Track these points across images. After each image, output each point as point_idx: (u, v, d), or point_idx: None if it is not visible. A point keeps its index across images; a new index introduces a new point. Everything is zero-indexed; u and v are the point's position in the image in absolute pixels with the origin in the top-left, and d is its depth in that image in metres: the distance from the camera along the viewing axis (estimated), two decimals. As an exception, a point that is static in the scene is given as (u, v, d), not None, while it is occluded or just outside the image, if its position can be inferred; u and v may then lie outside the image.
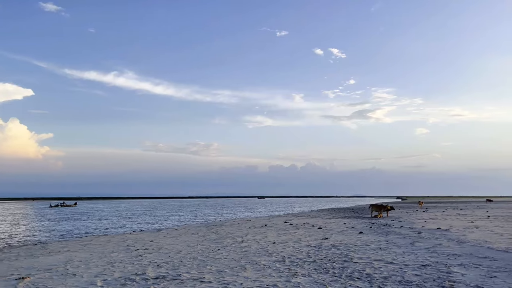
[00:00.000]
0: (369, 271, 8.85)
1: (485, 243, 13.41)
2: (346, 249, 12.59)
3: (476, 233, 17.21)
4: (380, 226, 21.68)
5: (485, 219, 26.62)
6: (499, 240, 14.44)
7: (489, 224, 22.10)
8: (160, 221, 33.98)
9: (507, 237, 15.33)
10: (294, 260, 10.55)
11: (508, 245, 12.96)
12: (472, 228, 19.44)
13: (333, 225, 22.75)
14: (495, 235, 16.12)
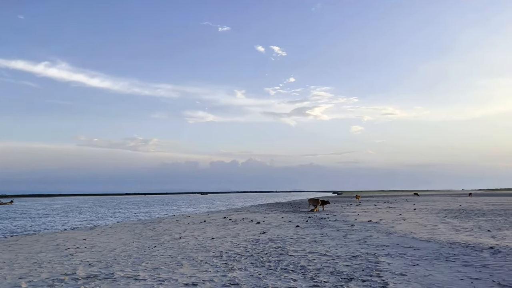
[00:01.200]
0: (303, 263, 9.12)
1: (411, 234, 14.34)
2: (283, 242, 12.87)
3: (403, 224, 18.33)
4: (316, 219, 22.40)
5: (411, 212, 28.43)
6: (423, 231, 15.50)
7: (415, 216, 23.64)
8: (95, 219, 32.60)
9: (430, 228, 16.50)
10: (231, 255, 10.61)
11: (430, 235, 13.95)
12: (400, 220, 20.68)
13: (271, 220, 23.15)
14: (419, 226, 17.28)
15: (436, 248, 10.88)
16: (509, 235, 13.71)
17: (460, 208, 32.71)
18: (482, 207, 32.65)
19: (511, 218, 20.75)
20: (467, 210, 29.61)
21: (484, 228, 16.05)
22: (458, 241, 12.26)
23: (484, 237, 13.30)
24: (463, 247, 10.93)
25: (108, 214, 39.49)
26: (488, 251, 10.15)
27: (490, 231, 14.92)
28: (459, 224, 18.32)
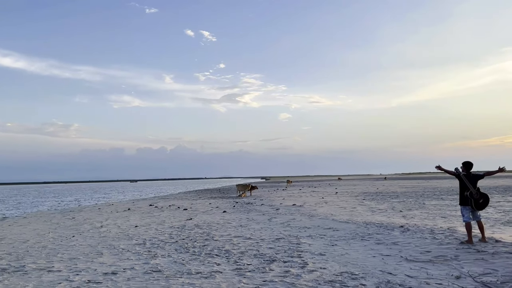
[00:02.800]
0: (228, 248, 9.19)
1: (331, 216, 15.07)
2: (209, 228, 12.87)
3: (325, 207, 19.21)
4: (243, 204, 22.70)
5: (333, 195, 29.89)
6: (343, 213, 16.36)
7: (336, 200, 24.88)
8: (8, 208, 30.13)
9: (349, 210, 17.47)
10: (155, 242, 10.39)
11: (349, 217, 14.77)
12: (322, 204, 21.65)
13: (199, 206, 23.05)
14: (340, 209, 18.22)
15: (353, 229, 11.54)
16: (418, 214, 14.93)
17: (377, 191, 35.00)
18: (396, 190, 35.22)
19: (420, 199, 22.63)
20: (383, 193, 31.77)
21: (396, 209, 17.33)
22: (373, 221, 13.12)
23: (396, 217, 14.37)
24: (377, 227, 11.71)
25: (24, 203, 36.69)
26: (399, 230, 10.98)
27: (402, 212, 16.15)
28: (375, 206, 19.60)
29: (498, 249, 7.96)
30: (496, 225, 11.52)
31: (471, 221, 8.79)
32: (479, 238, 8.83)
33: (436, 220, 12.94)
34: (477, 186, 8.85)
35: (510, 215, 13.63)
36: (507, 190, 29.18)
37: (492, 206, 17.05)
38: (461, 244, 8.58)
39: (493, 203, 18.49)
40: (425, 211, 15.97)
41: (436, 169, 9.20)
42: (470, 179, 8.80)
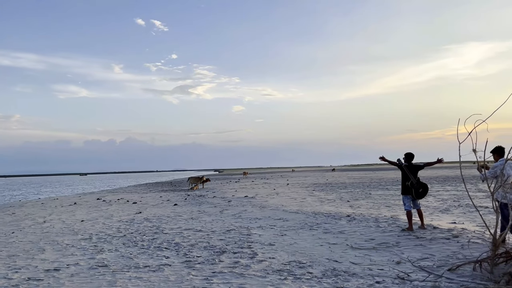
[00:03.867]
0: (178, 240, 9.10)
1: (282, 207, 15.32)
2: (159, 221, 12.67)
3: (276, 198, 19.49)
4: (195, 197, 22.54)
5: (285, 187, 30.38)
6: (293, 203, 16.68)
7: (287, 191, 25.31)
8: None
9: (300, 201, 17.84)
10: (102, 237, 10.08)
11: (299, 207, 15.08)
12: (273, 195, 21.94)
13: (149, 199, 22.61)
14: (290, 200, 18.56)
15: (303, 219, 11.81)
16: (364, 204, 15.52)
17: (327, 182, 35.98)
18: (345, 181, 36.36)
19: (367, 190, 23.53)
20: (332, 184, 32.71)
21: (344, 199, 17.91)
22: (322, 211, 13.48)
23: (344, 206, 14.86)
24: (326, 217, 12.06)
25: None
26: (345, 219, 11.37)
27: (349, 202, 16.72)
28: (324, 196, 20.15)
29: (436, 235, 8.44)
30: (435, 212, 12.21)
31: (411, 210, 9.26)
32: (419, 225, 9.32)
33: (381, 209, 13.52)
34: (418, 176, 9.32)
35: (447, 203, 14.51)
36: (446, 180, 30.98)
37: (432, 195, 18.05)
38: (402, 231, 9.03)
39: (433, 192, 19.59)
40: (371, 201, 16.63)
41: (380, 160, 9.59)
42: (411, 169, 9.25)
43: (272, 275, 5.91)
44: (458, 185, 24.50)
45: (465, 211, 12.26)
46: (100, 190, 39.44)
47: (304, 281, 5.54)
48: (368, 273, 5.84)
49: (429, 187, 21.82)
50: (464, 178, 29.29)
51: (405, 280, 5.41)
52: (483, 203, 13.62)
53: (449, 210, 12.75)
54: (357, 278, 5.62)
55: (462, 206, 13.50)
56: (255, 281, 5.68)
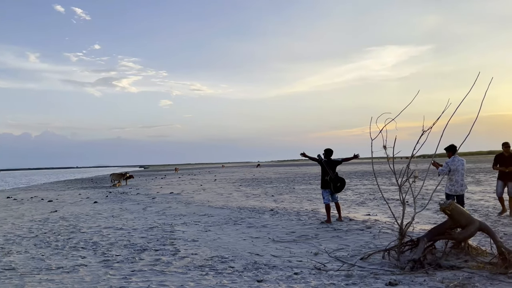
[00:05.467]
0: (96, 239, 8.70)
1: (208, 203, 15.28)
2: (76, 220, 12.00)
3: (202, 194, 19.39)
4: (117, 194, 21.68)
5: (212, 182, 30.33)
6: (219, 199, 16.71)
7: (214, 186, 25.30)
8: None
9: (226, 196, 17.92)
10: (10, 238, 9.31)
11: (225, 202, 15.15)
12: (200, 191, 21.81)
13: (67, 197, 21.31)
14: (217, 195, 18.58)
15: (228, 214, 11.88)
16: (287, 198, 15.99)
17: (254, 177, 36.55)
18: (271, 176, 37.21)
19: (291, 185, 24.26)
20: (259, 179, 33.30)
21: (269, 194, 18.32)
22: (247, 206, 13.67)
23: (268, 201, 15.19)
24: (250, 211, 12.24)
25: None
26: (269, 213, 11.63)
27: (274, 196, 17.13)
28: (250, 191, 20.45)
29: (351, 226, 8.95)
30: (352, 205, 12.94)
31: (330, 203, 9.72)
32: (337, 218, 9.81)
33: (303, 203, 14.03)
34: (336, 171, 9.79)
35: (364, 197, 15.44)
36: (364, 175, 32.94)
37: (350, 189, 19.10)
38: (321, 224, 9.45)
39: (351, 186, 20.73)
40: (294, 195, 17.19)
41: (301, 156, 9.94)
42: (330, 164, 9.70)
43: (193, 271, 5.87)
44: (376, 179, 26.18)
45: (379, 203, 13.12)
46: (12, 188, 36.39)
47: (225, 276, 5.58)
48: (287, 265, 6.04)
49: (348, 182, 23.01)
50: (379, 173, 31.32)
51: (322, 270, 5.67)
52: (395, 196, 14.66)
53: (365, 203, 13.58)
54: (277, 270, 5.78)
55: (376, 199, 14.43)
56: (175, 278, 5.60)
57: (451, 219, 5.94)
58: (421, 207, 7.96)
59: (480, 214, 10.12)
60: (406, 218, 6.37)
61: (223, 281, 5.34)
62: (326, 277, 5.34)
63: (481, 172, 29.32)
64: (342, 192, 14.86)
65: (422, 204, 10.22)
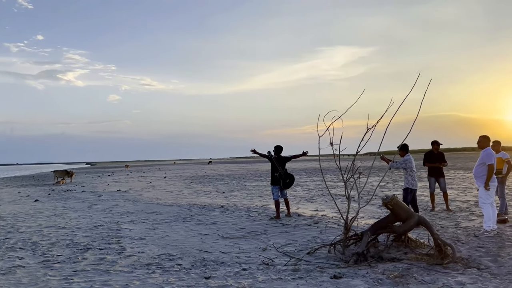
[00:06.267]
0: (36, 239, 8.26)
1: (156, 200, 14.98)
2: (15, 219, 11.32)
3: (151, 192, 18.99)
4: (61, 192, 20.73)
5: (162, 180, 29.78)
6: (169, 196, 16.44)
7: (164, 184, 24.85)
8: None
9: (176, 193, 17.66)
10: None
11: (175, 200, 14.92)
12: (149, 188, 21.34)
13: (5, 195, 20.08)
14: (166, 193, 18.27)
15: (177, 211, 11.71)
16: (238, 195, 16.03)
17: (205, 174, 36.30)
18: (222, 173, 37.13)
19: (242, 181, 24.35)
20: (210, 176, 33.12)
21: (220, 191, 18.27)
22: (197, 203, 13.55)
23: (219, 198, 15.15)
24: (200, 208, 12.14)
25: None
26: (219, 210, 11.59)
27: (225, 193, 17.11)
28: (201, 188, 20.29)
29: (299, 222, 9.12)
30: (301, 201, 13.20)
31: (279, 199, 9.85)
32: (286, 214, 9.96)
33: (253, 200, 14.12)
34: (286, 167, 9.93)
35: (313, 193, 15.79)
36: (313, 171, 33.69)
37: (299, 185, 19.47)
38: (271, 219, 9.56)
39: (301, 182, 21.13)
40: (245, 192, 17.26)
41: (252, 153, 9.99)
42: (280, 161, 9.82)
43: (139, 270, 5.73)
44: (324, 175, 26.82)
45: (327, 199, 13.47)
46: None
47: (172, 273, 5.49)
48: (236, 261, 6.04)
49: (297, 178, 23.41)
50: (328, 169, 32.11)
51: (269, 265, 5.73)
52: (342, 192, 15.10)
53: (314, 199, 13.89)
54: (225, 266, 5.77)
55: (325, 195, 14.80)
56: (120, 277, 5.44)
57: (392, 213, 6.21)
58: (365, 202, 8.25)
59: (420, 208, 10.67)
60: (351, 213, 6.58)
61: (170, 278, 5.25)
62: (273, 272, 5.40)
63: (422, 169, 30.93)
64: (292, 188, 15.13)
65: (367, 199, 10.60)
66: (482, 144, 7.57)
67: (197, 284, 5.00)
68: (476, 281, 4.70)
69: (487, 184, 7.25)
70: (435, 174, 10.34)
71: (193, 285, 4.95)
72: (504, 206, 8.76)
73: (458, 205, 11.11)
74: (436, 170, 10.32)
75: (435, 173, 10.34)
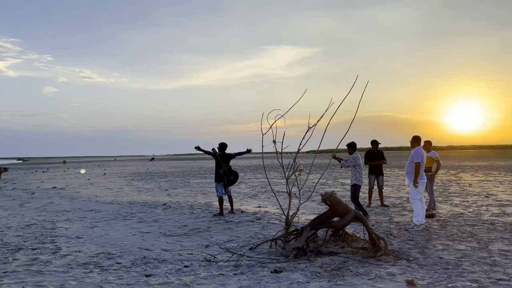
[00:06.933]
0: (-41, 240, 7.67)
1: (95, 198, 14.44)
2: None
3: (89, 189, 18.26)
4: (-11, 189, 19.33)
5: (101, 176, 28.71)
6: (108, 193, 15.90)
7: (103, 181, 23.98)
8: None
9: (116, 191, 17.12)
10: None
11: (114, 197, 14.47)
12: (87, 185, 20.50)
13: None
14: (106, 190, 17.65)
15: (117, 209, 11.37)
16: (181, 192, 15.86)
17: (147, 171, 35.47)
18: (165, 170, 36.47)
19: (186, 178, 24.09)
20: (153, 173, 32.42)
21: (163, 188, 17.97)
22: (138, 201, 13.24)
23: (162, 195, 14.90)
24: (141, 206, 11.87)
25: None
26: (161, 207, 11.41)
27: (167, 190, 16.85)
28: (143, 185, 19.83)
29: (243, 218, 9.22)
30: (245, 198, 13.32)
31: (223, 196, 9.88)
32: (229, 210, 10.02)
33: (197, 197, 14.04)
34: (230, 164, 9.98)
35: (256, 190, 15.99)
36: (257, 169, 34.06)
37: (244, 182, 19.63)
38: (214, 216, 9.57)
39: (245, 180, 21.31)
40: (189, 189, 17.11)
41: (196, 149, 9.94)
42: (224, 158, 9.85)
43: (76, 269, 5.52)
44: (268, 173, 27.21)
45: (270, 196, 13.70)
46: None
47: (111, 272, 5.35)
48: (177, 258, 6.00)
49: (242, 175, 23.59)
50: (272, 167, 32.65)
51: (212, 262, 5.75)
52: (285, 188, 15.43)
53: (257, 195, 14.08)
54: (167, 264, 5.72)
55: (268, 192, 15.03)
56: (55, 277, 5.21)
57: (331, 209, 6.47)
58: (306, 198, 8.50)
59: (357, 204, 11.18)
60: (292, 209, 6.77)
61: (108, 277, 5.11)
62: (215, 268, 5.44)
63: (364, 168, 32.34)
64: (236, 185, 15.22)
65: (307, 196, 10.93)
66: (413, 143, 8.11)
67: (137, 282, 4.92)
68: (405, 271, 5.04)
69: (415, 181, 7.77)
70: (375, 172, 10.86)
71: (133, 284, 4.86)
72: (433, 202, 9.42)
73: (392, 201, 11.78)
74: (376, 169, 10.84)
75: (375, 171, 10.86)
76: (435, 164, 9.48)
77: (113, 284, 4.84)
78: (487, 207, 10.25)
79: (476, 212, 9.55)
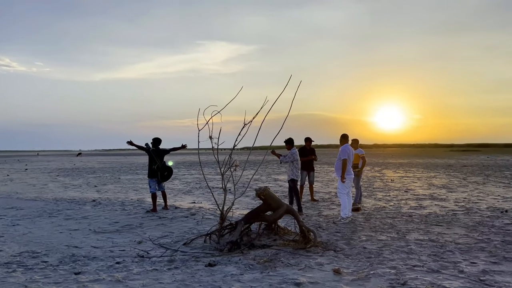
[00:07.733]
0: None
1: (16, 195, 13.52)
2: None
3: (9, 185, 17.05)
4: None
5: (22, 172, 26.85)
6: (31, 190, 14.95)
7: (25, 177, 22.46)
8: None
9: (39, 187, 16.14)
10: None
11: (38, 194, 13.64)
12: (6, 181, 19.11)
13: None
14: (28, 186, 16.57)
15: (41, 206, 10.75)
16: (112, 189, 15.32)
17: (74, 167, 33.72)
18: (94, 166, 34.90)
19: (116, 174, 23.27)
20: (80, 168, 30.89)
21: (91, 184, 17.23)
22: (65, 197, 12.60)
23: (90, 192, 14.30)
24: (69, 203, 11.33)
25: None
26: (91, 204, 10.98)
27: (97, 186, 16.19)
28: (70, 182, 18.86)
29: (177, 214, 9.17)
30: (179, 194, 13.21)
31: (156, 192, 9.74)
32: (162, 207, 9.90)
33: (128, 193, 13.66)
34: (164, 160, 9.86)
35: (191, 186, 15.90)
36: (192, 165, 33.77)
37: (178, 178, 19.39)
38: (147, 212, 9.41)
39: (179, 176, 21.06)
40: (120, 185, 16.57)
41: (128, 144, 9.69)
42: (158, 153, 9.71)
43: (-4, 270, 5.19)
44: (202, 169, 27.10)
45: (205, 192, 13.72)
46: None
47: (37, 271, 5.09)
48: (109, 255, 5.86)
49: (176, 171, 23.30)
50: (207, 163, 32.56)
51: (145, 257, 5.68)
52: (220, 184, 15.51)
53: (191, 191, 14.02)
54: (98, 261, 5.56)
55: (202, 188, 15.03)
56: (-28, 279, 4.86)
57: (264, 203, 6.67)
58: (240, 194, 8.65)
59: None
60: (227, 204, 6.87)
61: (34, 276, 4.87)
62: (149, 263, 5.39)
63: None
64: (170, 181, 15.05)
65: (242, 191, 11.11)
66: (341, 141, 8.60)
67: (65, 280, 4.74)
68: (332, 261, 5.36)
69: (342, 176, 8.25)
70: (307, 168, 11.28)
71: (61, 282, 4.68)
72: (359, 196, 10.03)
73: (321, 196, 12.34)
74: (308, 165, 11.25)
75: (307, 167, 11.28)
76: (361, 160, 10.09)
77: (40, 283, 4.63)
78: (406, 201, 11.12)
79: (397, 205, 10.32)
